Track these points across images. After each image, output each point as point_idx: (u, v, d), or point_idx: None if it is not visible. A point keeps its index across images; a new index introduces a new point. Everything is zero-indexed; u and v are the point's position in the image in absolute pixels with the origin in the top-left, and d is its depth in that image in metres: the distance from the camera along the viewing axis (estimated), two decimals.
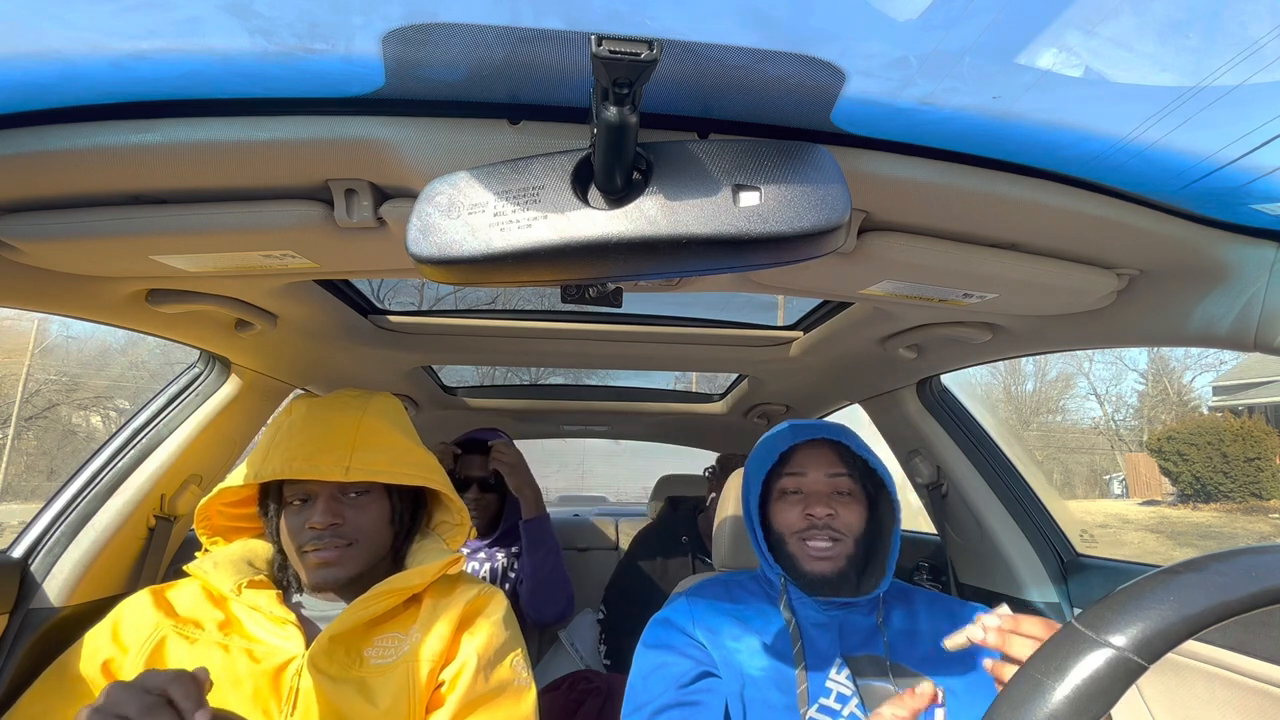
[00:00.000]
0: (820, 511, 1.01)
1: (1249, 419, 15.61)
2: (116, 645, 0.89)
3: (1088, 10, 0.47)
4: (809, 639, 1.00)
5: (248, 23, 0.50)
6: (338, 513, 0.93)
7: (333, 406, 1.00)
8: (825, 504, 1.01)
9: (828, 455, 1.05)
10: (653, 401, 2.42)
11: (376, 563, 0.99)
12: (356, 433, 0.96)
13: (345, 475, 0.91)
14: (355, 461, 0.93)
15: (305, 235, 0.77)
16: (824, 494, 1.03)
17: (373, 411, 1.01)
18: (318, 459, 0.92)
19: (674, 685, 0.95)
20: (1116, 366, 23.14)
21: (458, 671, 0.91)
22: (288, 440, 0.95)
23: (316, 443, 0.94)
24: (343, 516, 0.94)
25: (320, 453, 0.93)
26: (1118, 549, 12.46)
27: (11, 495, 17.22)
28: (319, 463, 0.92)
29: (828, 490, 1.03)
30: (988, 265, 0.84)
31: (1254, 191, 0.69)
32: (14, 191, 0.71)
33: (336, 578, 0.94)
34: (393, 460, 0.97)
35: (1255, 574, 0.39)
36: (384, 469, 0.95)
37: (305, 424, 0.97)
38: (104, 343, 21.30)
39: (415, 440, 1.05)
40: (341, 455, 0.93)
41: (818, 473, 1.04)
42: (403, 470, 0.97)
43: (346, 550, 0.94)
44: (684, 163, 0.56)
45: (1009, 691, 0.39)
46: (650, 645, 1.03)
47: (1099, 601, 0.41)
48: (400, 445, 1.00)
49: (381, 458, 0.96)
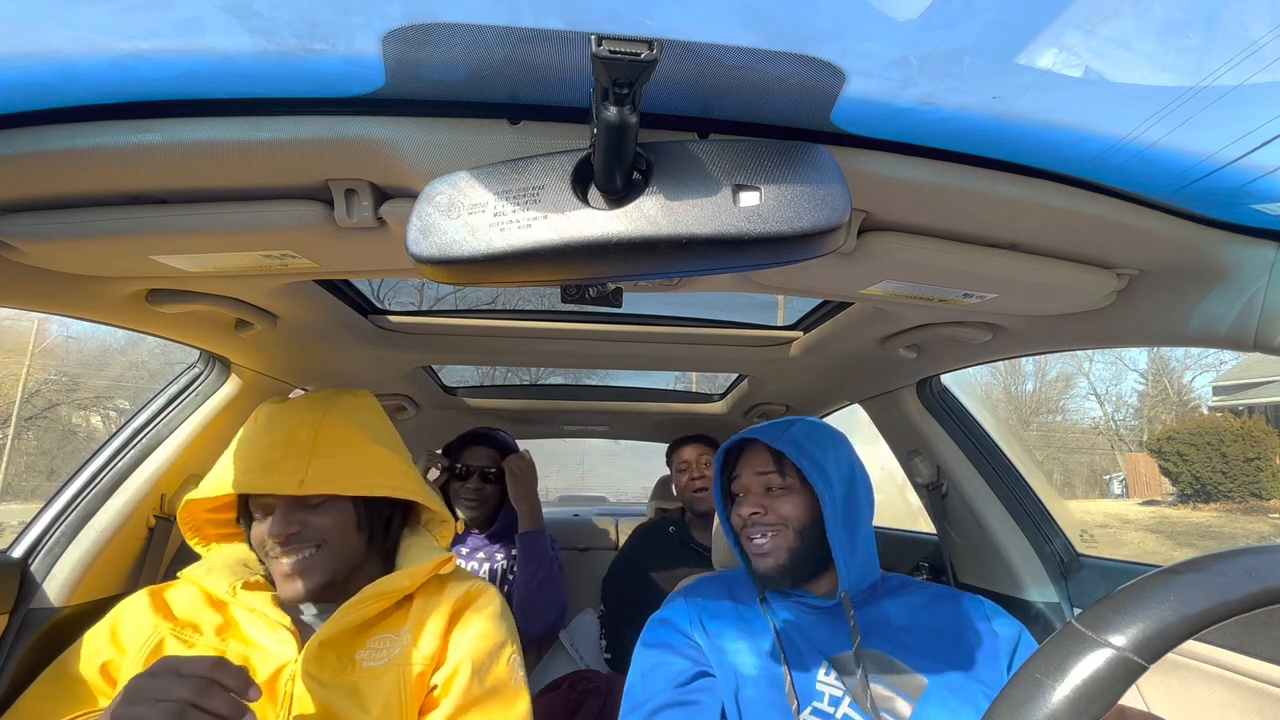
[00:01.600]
0: (745, 511, 1.04)
1: (1249, 419, 15.61)
2: (115, 646, 0.89)
3: (1088, 10, 0.47)
4: (788, 638, 1.01)
5: (248, 23, 0.50)
6: (296, 521, 0.90)
7: (293, 411, 0.96)
8: (753, 502, 1.04)
9: (760, 455, 1.08)
10: (653, 401, 2.42)
11: (351, 568, 0.96)
12: (315, 440, 0.92)
13: (299, 489, 0.88)
14: (312, 472, 0.89)
15: (305, 235, 0.77)
16: (755, 492, 1.06)
17: (335, 415, 0.96)
18: (273, 470, 0.89)
19: (671, 685, 0.95)
20: (1116, 366, 23.16)
21: (451, 673, 0.90)
22: (246, 451, 0.92)
23: (274, 452, 0.91)
24: (302, 523, 0.90)
25: (276, 464, 0.89)
26: (1118, 549, 12.46)
27: (11, 495, 17.22)
28: (274, 475, 0.88)
29: (759, 488, 1.06)
30: (988, 265, 0.84)
31: (1254, 191, 0.69)
32: (14, 191, 0.70)
33: (304, 589, 0.90)
34: (354, 468, 0.93)
35: (1255, 574, 0.39)
36: (343, 478, 0.91)
37: (265, 432, 0.94)
38: (104, 343, 21.32)
39: (385, 443, 0.99)
40: (298, 466, 0.89)
41: (749, 472, 1.08)
42: (365, 480, 0.93)
43: (313, 556, 0.91)
44: (684, 163, 0.56)
45: (1009, 691, 0.39)
46: (648, 644, 1.03)
47: (1099, 601, 0.41)
48: (364, 451, 0.95)
49: (341, 465, 0.92)
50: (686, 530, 2.14)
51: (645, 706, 0.94)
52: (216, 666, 0.68)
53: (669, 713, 0.92)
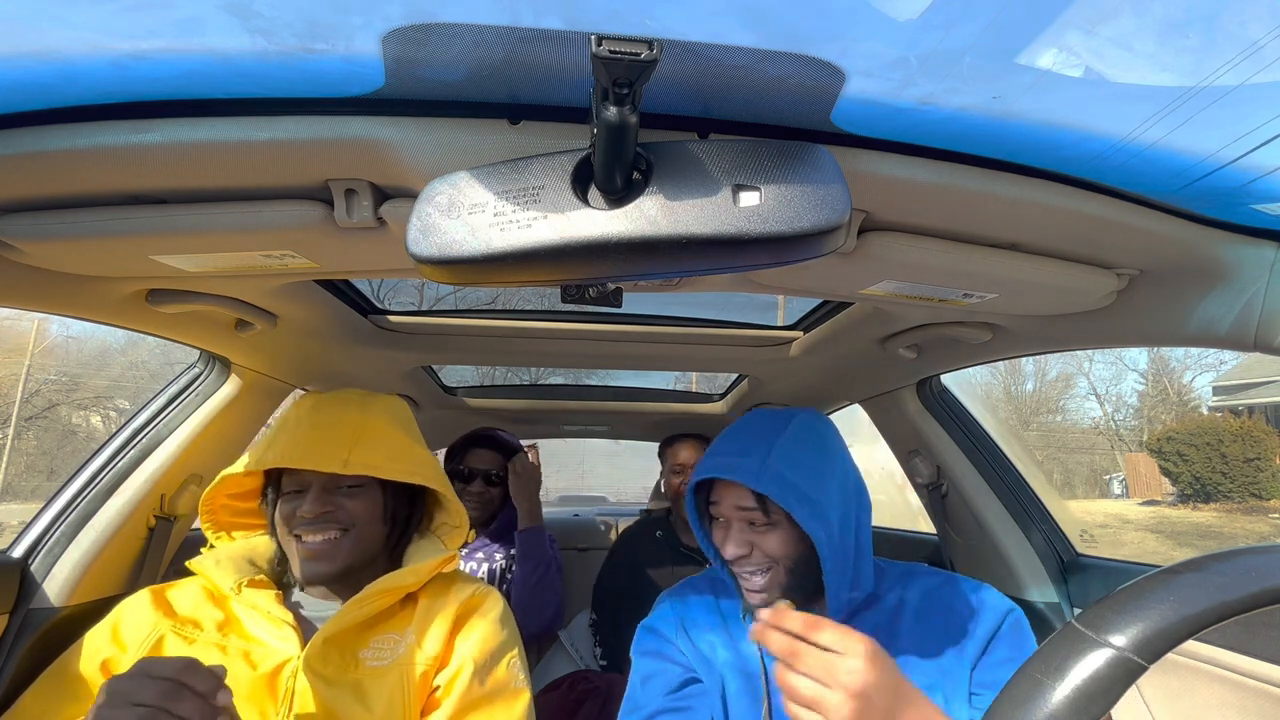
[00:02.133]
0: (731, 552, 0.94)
1: (1249, 419, 15.62)
2: (116, 645, 0.89)
3: (1088, 10, 0.47)
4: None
5: (248, 23, 0.50)
6: (330, 501, 0.95)
7: (337, 403, 1.02)
8: (738, 541, 0.94)
9: (738, 488, 0.95)
10: (653, 401, 2.42)
11: (369, 559, 0.99)
12: (359, 429, 0.98)
13: (343, 468, 0.93)
14: (354, 456, 0.94)
15: (305, 235, 0.77)
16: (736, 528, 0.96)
17: (376, 410, 1.03)
18: (318, 450, 0.94)
19: (663, 693, 0.96)
20: (1116, 366, 23.17)
21: (454, 674, 0.91)
22: (292, 431, 0.97)
23: (319, 434, 0.96)
24: (336, 504, 0.95)
25: (321, 443, 0.94)
26: (1117, 549, 12.46)
27: (11, 495, 17.23)
28: (319, 454, 0.93)
29: (741, 522, 0.96)
30: (988, 265, 0.84)
31: (1254, 191, 0.69)
32: (14, 191, 0.70)
33: (326, 570, 0.93)
34: (392, 457, 0.98)
35: (1255, 574, 0.39)
36: (382, 464, 0.96)
37: (310, 416, 0.99)
38: (104, 343, 21.33)
39: (417, 441, 1.06)
40: (341, 448, 0.94)
41: (729, 504, 0.96)
42: (401, 467, 0.98)
43: (339, 540, 0.94)
44: (684, 163, 0.56)
45: (1009, 691, 0.39)
46: (640, 653, 1.04)
47: (1099, 601, 0.41)
48: (401, 444, 1.01)
49: (381, 454, 0.97)
50: (673, 532, 2.12)
51: (640, 712, 0.94)
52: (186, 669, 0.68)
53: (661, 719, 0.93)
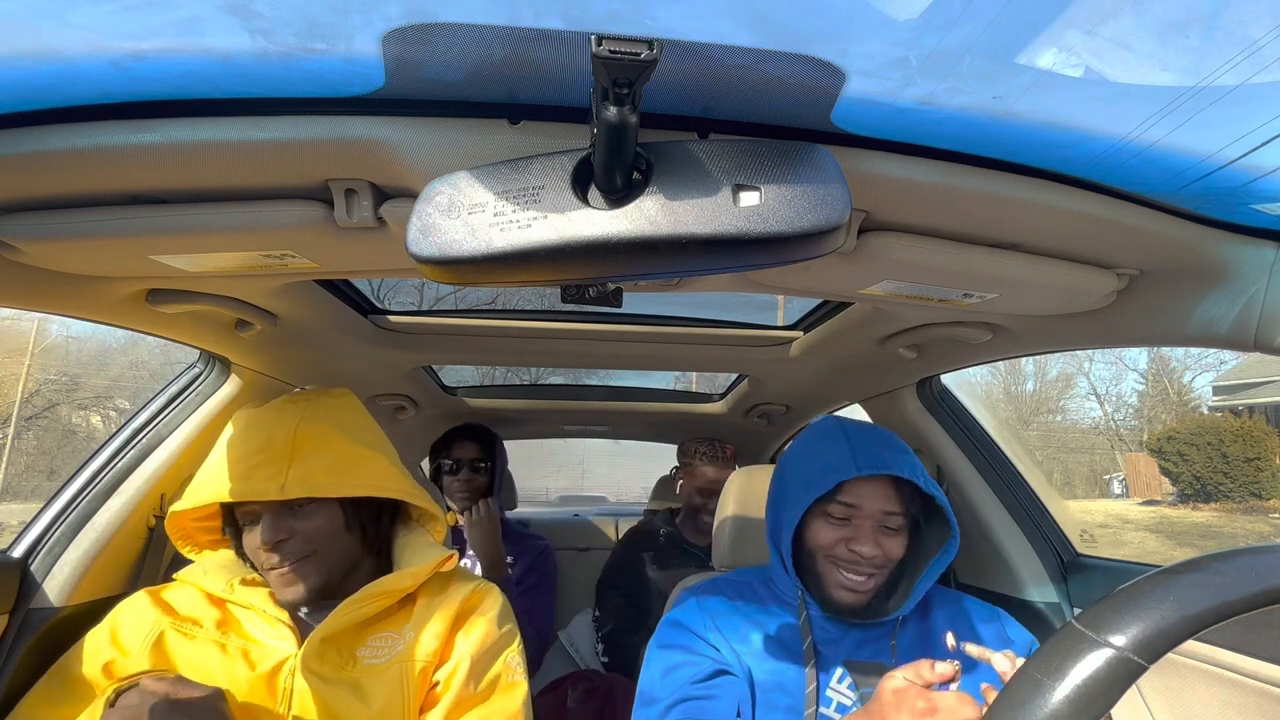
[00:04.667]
0: (867, 551, 0.95)
1: (1249, 419, 15.61)
2: (116, 648, 0.89)
3: (1088, 10, 0.47)
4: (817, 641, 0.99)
5: (248, 23, 0.50)
6: (283, 527, 0.89)
7: (270, 416, 0.95)
8: (873, 542, 0.96)
9: (886, 490, 0.98)
10: (652, 401, 2.42)
11: (346, 569, 0.96)
12: (293, 443, 0.90)
13: (281, 494, 0.86)
14: (292, 477, 0.87)
15: (305, 235, 0.77)
16: (872, 531, 0.97)
17: (312, 417, 0.94)
18: (252, 477, 0.87)
19: (690, 682, 0.95)
20: (1116, 366, 23.13)
21: (452, 670, 0.91)
22: (227, 458, 0.91)
23: (253, 459, 0.89)
24: (290, 530, 0.89)
25: (256, 470, 0.88)
26: (1118, 549, 12.46)
27: (11, 495, 17.21)
28: (253, 482, 0.87)
29: (878, 525, 0.97)
30: (988, 265, 0.84)
31: (1254, 191, 0.69)
32: (14, 191, 0.70)
33: (301, 595, 0.90)
34: (335, 469, 0.91)
35: (1255, 574, 0.39)
36: (324, 481, 0.89)
37: (244, 438, 0.92)
38: (104, 343, 21.32)
39: (366, 442, 0.97)
40: (277, 470, 0.87)
41: (874, 507, 0.97)
42: (347, 480, 0.92)
43: (304, 563, 0.90)
44: (684, 163, 0.56)
45: (1009, 691, 0.39)
46: (663, 646, 1.03)
47: (1099, 601, 0.41)
48: (344, 452, 0.94)
49: (322, 467, 0.90)
50: (678, 531, 2.13)
51: (661, 703, 0.94)
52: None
53: (687, 706, 0.92)
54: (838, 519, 0.98)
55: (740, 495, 1.35)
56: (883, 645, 1.00)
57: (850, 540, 0.96)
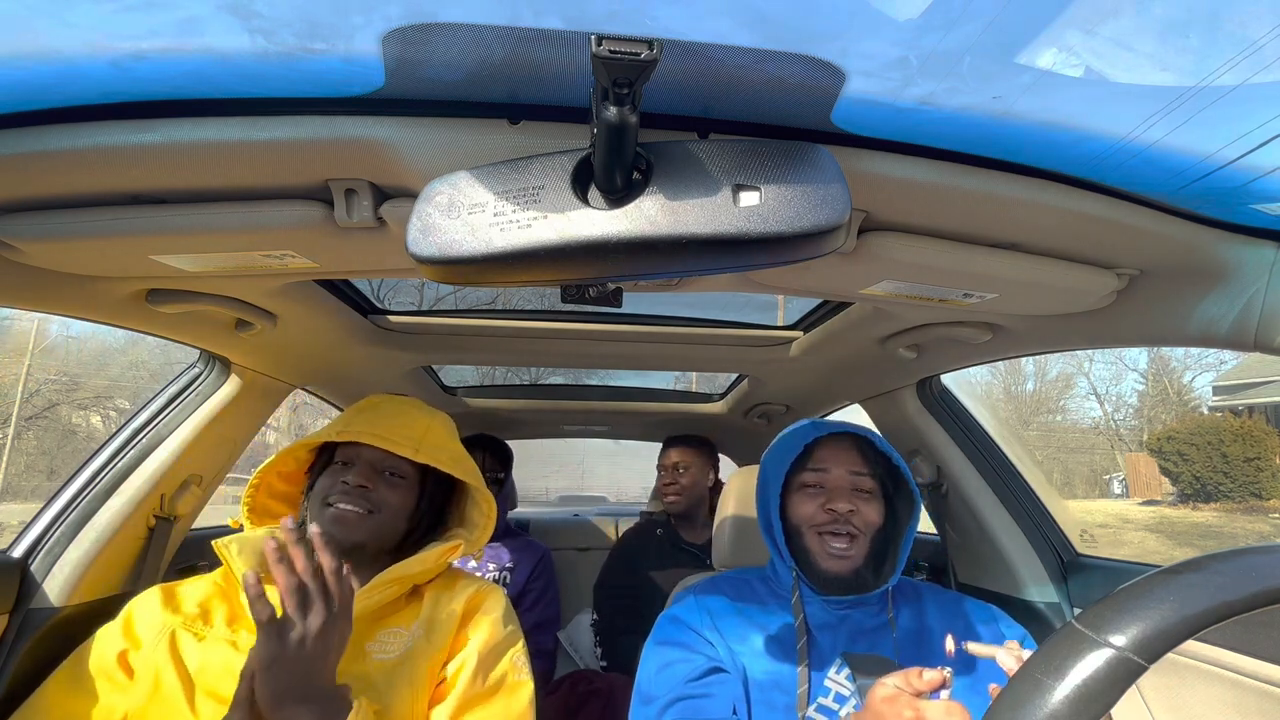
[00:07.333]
0: (842, 506, 1.00)
1: (1249, 419, 15.61)
2: (129, 639, 0.91)
3: (1088, 10, 0.47)
4: (814, 639, 1.00)
5: (248, 23, 0.50)
6: (372, 479, 1.01)
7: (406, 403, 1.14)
8: (847, 499, 1.01)
9: (850, 453, 1.05)
10: (652, 401, 2.42)
11: (384, 547, 1.01)
12: (427, 428, 1.08)
13: (415, 455, 1.01)
14: (424, 446, 1.04)
15: (305, 235, 0.77)
16: (845, 490, 1.02)
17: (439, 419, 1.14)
18: (395, 434, 1.02)
19: (685, 680, 0.95)
20: (1116, 366, 23.16)
21: (458, 668, 0.92)
22: (371, 415, 1.05)
23: (392, 422, 1.05)
24: (374, 484, 1.01)
25: (395, 431, 1.03)
26: (1118, 549, 12.45)
27: (11, 495, 17.22)
28: (395, 438, 1.01)
29: (849, 486, 1.03)
30: (988, 265, 0.84)
31: (1254, 191, 0.69)
32: (14, 191, 0.70)
33: (345, 537, 0.96)
34: (451, 456, 1.07)
35: (1255, 574, 0.39)
36: (444, 461, 1.05)
37: (385, 408, 1.09)
38: (104, 343, 21.34)
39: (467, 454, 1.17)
40: (415, 437, 1.04)
41: (840, 469, 1.04)
42: (460, 467, 1.07)
43: (365, 517, 0.98)
44: (684, 163, 0.56)
45: (1009, 691, 0.39)
46: (660, 642, 1.03)
47: (1099, 601, 0.41)
48: (458, 451, 1.12)
49: (444, 454, 1.06)
50: (674, 531, 2.14)
51: (659, 701, 0.94)
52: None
53: (683, 705, 0.92)
54: (812, 487, 1.05)
55: (740, 495, 1.35)
56: (881, 636, 1.00)
57: (827, 502, 1.02)
